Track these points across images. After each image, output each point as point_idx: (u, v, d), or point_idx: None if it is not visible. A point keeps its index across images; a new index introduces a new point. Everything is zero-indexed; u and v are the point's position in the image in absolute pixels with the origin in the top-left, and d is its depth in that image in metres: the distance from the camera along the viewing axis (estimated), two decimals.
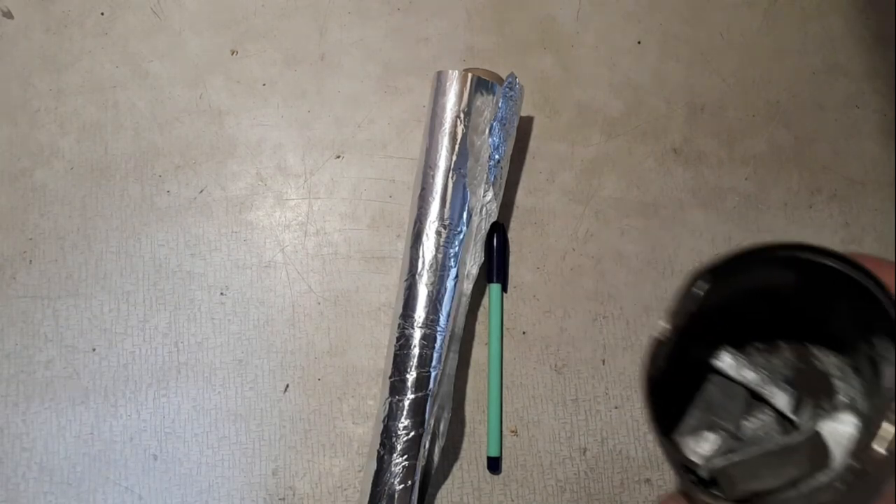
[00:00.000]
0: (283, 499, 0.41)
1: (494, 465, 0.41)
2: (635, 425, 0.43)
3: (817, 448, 0.25)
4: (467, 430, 0.42)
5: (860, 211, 0.46)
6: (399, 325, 0.39)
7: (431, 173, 0.41)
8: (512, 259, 0.45)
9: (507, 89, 0.41)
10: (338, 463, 0.42)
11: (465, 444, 0.42)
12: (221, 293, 0.44)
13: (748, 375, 0.28)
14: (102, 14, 0.47)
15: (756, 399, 0.28)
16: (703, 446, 0.27)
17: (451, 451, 0.42)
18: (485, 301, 0.44)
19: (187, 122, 0.46)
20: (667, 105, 0.47)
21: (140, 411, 0.42)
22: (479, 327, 0.44)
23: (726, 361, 0.28)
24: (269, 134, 0.46)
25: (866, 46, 0.48)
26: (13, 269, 0.43)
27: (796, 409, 0.27)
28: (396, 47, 0.47)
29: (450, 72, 0.41)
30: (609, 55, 0.48)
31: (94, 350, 0.43)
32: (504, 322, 0.43)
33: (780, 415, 0.28)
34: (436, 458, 0.40)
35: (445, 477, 0.42)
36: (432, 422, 0.38)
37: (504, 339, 0.43)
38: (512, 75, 0.41)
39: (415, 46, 0.48)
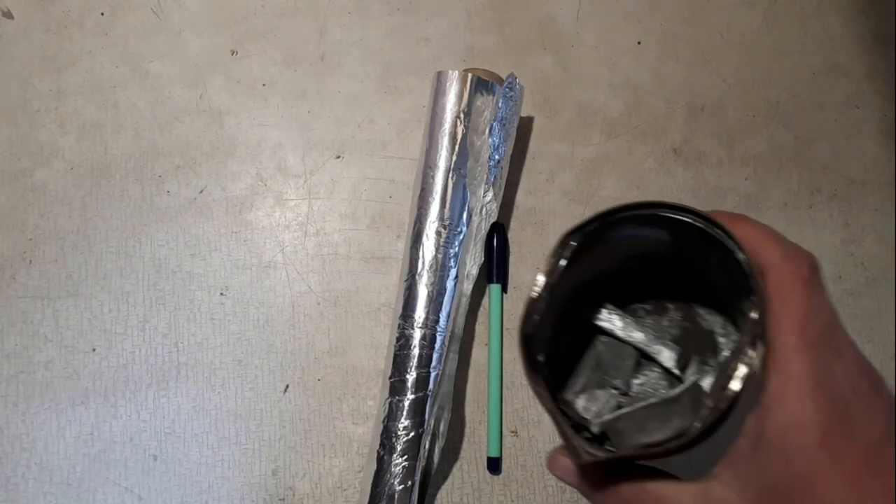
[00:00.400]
0: (283, 499, 0.41)
1: (494, 465, 0.41)
2: None
3: (697, 398, 0.26)
4: (467, 430, 0.42)
5: (860, 211, 0.46)
6: (399, 325, 0.39)
7: (431, 173, 0.41)
8: (512, 259, 0.45)
9: (507, 89, 0.41)
10: (338, 463, 0.42)
11: (465, 445, 0.42)
12: (221, 293, 0.44)
13: (636, 335, 0.29)
14: (102, 14, 0.47)
15: (646, 358, 0.29)
16: (593, 404, 0.28)
17: (451, 452, 0.42)
18: (485, 301, 0.44)
19: (187, 122, 0.46)
20: (667, 105, 0.47)
21: (140, 411, 0.42)
22: (479, 327, 0.44)
23: (616, 323, 0.29)
24: (269, 134, 0.46)
25: (866, 46, 0.48)
26: (13, 269, 0.43)
27: (684, 366, 0.29)
28: (396, 47, 0.47)
29: (450, 72, 0.41)
30: (609, 55, 0.48)
31: (93, 350, 0.43)
32: (504, 322, 0.43)
33: (668, 372, 0.29)
34: (436, 458, 0.40)
35: (445, 477, 0.42)
36: (432, 422, 0.38)
37: (504, 339, 0.43)
38: (512, 75, 0.41)
39: (415, 46, 0.48)
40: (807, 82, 0.48)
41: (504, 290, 0.44)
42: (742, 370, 0.22)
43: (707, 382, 0.27)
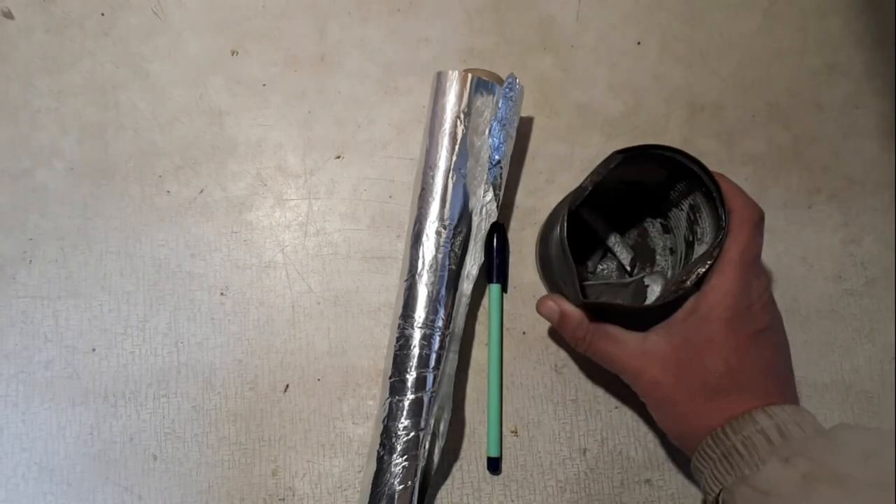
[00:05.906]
0: (283, 499, 0.41)
1: (494, 465, 0.41)
2: (635, 425, 0.43)
3: (639, 288, 0.42)
4: (467, 430, 0.42)
5: (860, 211, 0.46)
6: (399, 325, 0.39)
7: (431, 173, 0.41)
8: (512, 259, 0.45)
9: (507, 90, 0.41)
10: (338, 463, 0.42)
11: (465, 445, 0.42)
12: (221, 293, 0.44)
13: (608, 236, 0.43)
14: (103, 15, 0.47)
15: (610, 254, 0.44)
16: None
17: (451, 452, 0.42)
18: (485, 301, 0.44)
19: (187, 122, 0.46)
20: (667, 105, 0.47)
21: (140, 411, 0.42)
22: (479, 327, 0.44)
23: (600, 225, 0.43)
24: (270, 134, 0.46)
25: (866, 46, 0.48)
26: (13, 269, 0.43)
27: (632, 265, 0.43)
28: (396, 47, 0.48)
29: (450, 72, 0.41)
30: (609, 55, 0.48)
31: (93, 350, 0.43)
32: (504, 322, 0.43)
33: (621, 267, 0.44)
34: (436, 458, 0.40)
35: (445, 477, 0.42)
36: (432, 422, 0.38)
37: (504, 339, 0.43)
38: (512, 76, 0.41)
39: (415, 46, 0.48)
40: (806, 82, 0.48)
41: (504, 289, 0.44)
42: (701, 270, 0.34)
43: (648, 280, 0.42)
